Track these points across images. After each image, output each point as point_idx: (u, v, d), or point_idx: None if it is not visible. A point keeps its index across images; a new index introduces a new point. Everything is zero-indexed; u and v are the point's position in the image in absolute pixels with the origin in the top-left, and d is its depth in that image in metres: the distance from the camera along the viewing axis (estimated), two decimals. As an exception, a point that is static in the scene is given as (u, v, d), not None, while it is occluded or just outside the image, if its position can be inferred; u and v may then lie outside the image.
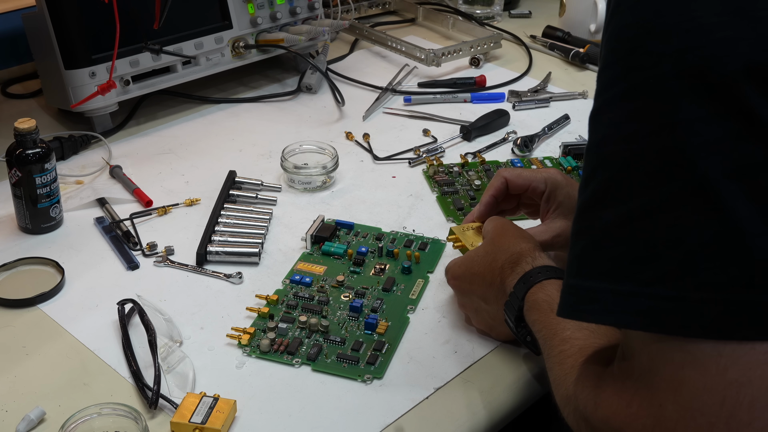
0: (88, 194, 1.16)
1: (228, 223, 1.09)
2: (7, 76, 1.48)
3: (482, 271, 0.88)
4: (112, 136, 1.32)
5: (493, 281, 0.86)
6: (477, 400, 0.85)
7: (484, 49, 1.60)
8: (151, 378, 0.84)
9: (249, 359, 0.89)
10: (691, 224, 0.55)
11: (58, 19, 1.24)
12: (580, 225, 0.62)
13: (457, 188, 1.18)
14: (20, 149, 1.04)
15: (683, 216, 0.55)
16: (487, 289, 0.87)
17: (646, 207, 0.57)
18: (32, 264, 1.03)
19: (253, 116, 1.40)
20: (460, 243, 0.99)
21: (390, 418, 0.82)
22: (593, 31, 1.67)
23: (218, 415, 0.79)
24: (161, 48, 1.28)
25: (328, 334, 0.91)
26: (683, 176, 0.55)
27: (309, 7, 1.49)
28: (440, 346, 0.91)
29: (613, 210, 0.59)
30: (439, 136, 1.33)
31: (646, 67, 0.57)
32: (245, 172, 1.20)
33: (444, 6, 1.83)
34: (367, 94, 1.47)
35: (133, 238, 1.07)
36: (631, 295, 0.57)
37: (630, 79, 0.58)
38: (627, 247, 0.58)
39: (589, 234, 0.61)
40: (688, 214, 0.55)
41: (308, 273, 1.01)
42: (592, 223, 0.60)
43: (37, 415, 0.80)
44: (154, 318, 0.91)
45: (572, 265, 0.62)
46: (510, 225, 0.91)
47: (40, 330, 0.93)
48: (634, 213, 0.58)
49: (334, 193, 1.19)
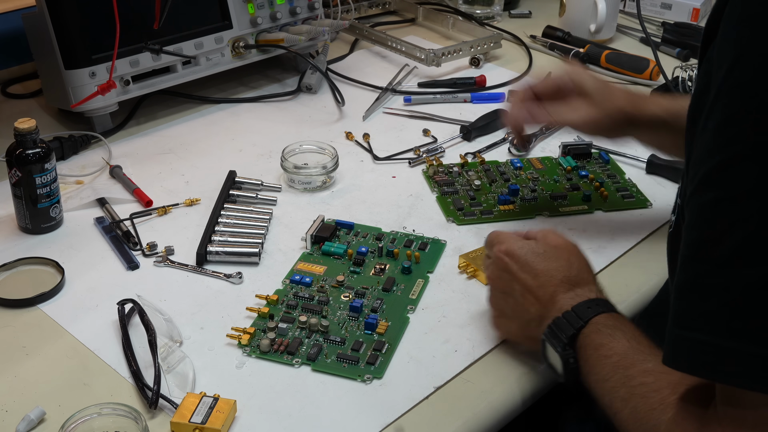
0: (88, 194, 1.16)
1: (228, 223, 1.09)
2: (7, 76, 1.48)
3: (540, 269, 0.85)
4: (112, 136, 1.32)
5: (544, 285, 0.84)
6: (477, 399, 0.85)
7: (484, 49, 1.60)
8: (151, 378, 0.84)
9: (249, 359, 0.89)
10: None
11: (58, 19, 1.24)
12: (715, 280, 0.60)
13: (457, 188, 1.18)
14: (20, 149, 1.04)
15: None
16: (536, 288, 0.85)
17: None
18: (32, 264, 1.03)
19: (253, 116, 1.40)
20: (472, 269, 0.99)
21: (390, 418, 0.82)
22: (593, 31, 1.67)
23: (218, 415, 0.79)
24: (161, 48, 1.28)
25: (328, 334, 0.91)
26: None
27: (309, 7, 1.49)
28: (440, 346, 0.91)
29: (758, 269, 0.58)
30: (439, 136, 1.33)
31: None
32: (245, 172, 1.20)
33: (444, 6, 1.83)
34: (367, 94, 1.47)
35: (133, 238, 1.07)
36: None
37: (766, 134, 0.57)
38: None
39: (728, 291, 0.59)
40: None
41: (308, 273, 1.01)
42: (732, 281, 0.59)
43: (37, 415, 0.80)
44: (154, 318, 0.91)
45: (698, 319, 0.61)
46: (575, 245, 0.89)
47: (40, 330, 0.93)
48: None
49: (334, 193, 1.19)
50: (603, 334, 0.78)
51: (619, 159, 1.27)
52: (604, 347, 0.77)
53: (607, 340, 0.77)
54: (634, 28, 1.76)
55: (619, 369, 0.74)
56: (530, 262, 0.86)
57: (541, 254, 0.87)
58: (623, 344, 0.76)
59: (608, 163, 1.25)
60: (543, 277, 0.85)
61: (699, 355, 0.61)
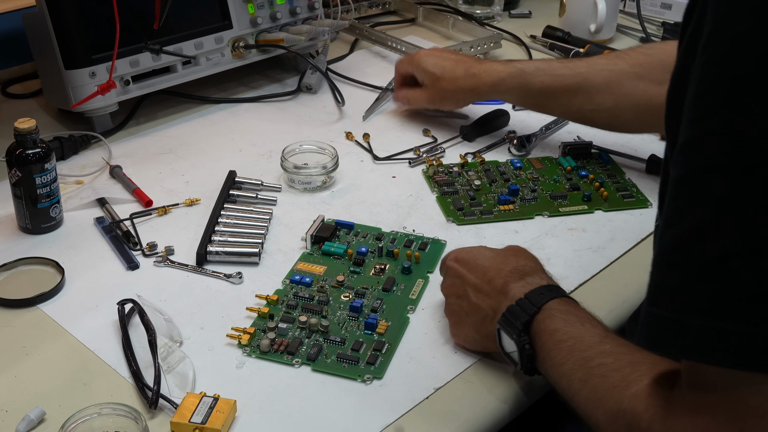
0: (88, 194, 1.16)
1: (228, 223, 1.09)
2: (7, 76, 1.48)
3: (488, 266, 0.87)
4: (112, 136, 1.32)
5: (494, 279, 0.86)
6: (477, 400, 0.85)
7: (484, 49, 1.60)
8: (151, 378, 0.84)
9: (249, 359, 0.89)
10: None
11: (58, 19, 1.24)
12: (676, 258, 0.60)
13: (457, 188, 1.18)
14: (20, 149, 1.04)
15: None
16: (486, 283, 0.86)
17: (754, 243, 0.56)
18: (32, 264, 1.03)
19: (253, 116, 1.40)
20: None
21: (390, 418, 0.82)
22: (593, 31, 1.67)
23: (218, 415, 0.79)
24: (161, 48, 1.28)
25: (328, 334, 0.91)
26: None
27: (309, 7, 1.49)
28: (440, 346, 0.91)
29: (717, 245, 0.57)
30: (439, 136, 1.33)
31: (753, 97, 0.55)
32: (245, 172, 1.20)
33: (444, 6, 1.83)
34: (367, 94, 1.47)
35: (133, 238, 1.07)
36: (734, 335, 0.57)
37: (736, 109, 0.57)
38: (732, 285, 0.57)
39: (688, 267, 0.59)
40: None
41: (308, 273, 1.01)
42: (692, 257, 0.59)
43: (37, 415, 0.80)
44: (154, 318, 0.91)
45: (663, 297, 0.61)
46: (526, 250, 0.91)
47: (40, 330, 0.93)
48: (740, 249, 0.56)
49: (334, 193, 1.19)
50: (557, 319, 0.78)
51: (619, 159, 1.27)
52: (559, 332, 0.77)
53: (562, 325, 0.78)
54: (634, 28, 1.76)
55: (575, 352, 0.75)
56: (478, 262, 0.89)
57: (488, 256, 0.89)
58: (578, 328, 0.76)
59: (608, 163, 1.25)
60: (492, 272, 0.86)
61: (662, 331, 0.61)
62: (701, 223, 0.58)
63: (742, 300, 0.57)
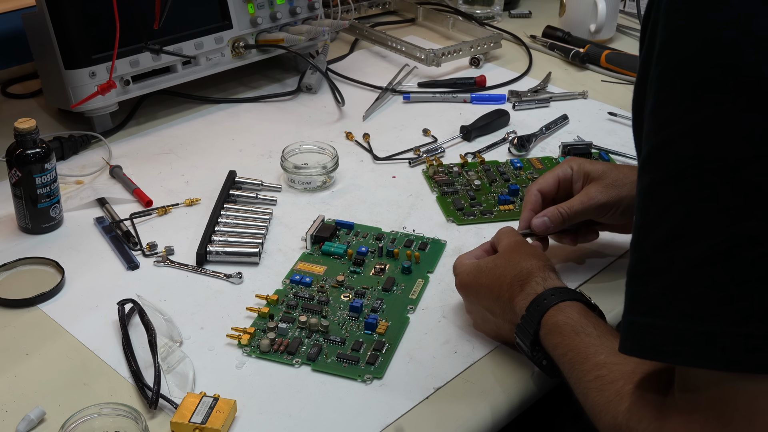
0: (88, 194, 1.16)
1: (228, 223, 1.09)
2: (7, 76, 1.48)
3: (489, 283, 0.88)
4: (112, 136, 1.32)
5: (501, 296, 0.86)
6: (477, 400, 0.85)
7: (484, 49, 1.60)
8: (151, 378, 0.84)
9: (249, 359, 0.89)
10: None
11: (58, 19, 1.24)
12: (654, 264, 0.60)
13: (457, 188, 1.18)
14: (20, 149, 1.04)
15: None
16: (494, 302, 0.87)
17: (729, 243, 0.56)
18: (32, 264, 1.03)
19: (253, 116, 1.40)
20: None
21: (390, 418, 0.82)
22: (593, 31, 1.67)
23: (218, 415, 0.79)
24: (161, 48, 1.28)
25: (328, 334, 0.91)
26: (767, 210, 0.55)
27: (309, 7, 1.49)
28: (440, 346, 0.91)
29: (693, 248, 0.58)
30: (439, 136, 1.33)
31: (716, 101, 0.56)
32: (245, 172, 1.20)
33: (444, 6, 1.83)
34: (367, 94, 1.47)
35: (133, 238, 1.07)
36: (719, 336, 0.57)
37: (700, 113, 0.57)
38: (711, 287, 0.57)
39: (667, 273, 0.59)
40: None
41: (308, 273, 1.01)
42: (670, 262, 0.59)
43: (37, 415, 0.80)
44: (154, 318, 0.91)
45: (645, 304, 0.61)
46: (522, 241, 0.92)
47: (40, 330, 0.93)
48: (717, 250, 0.57)
49: (334, 193, 1.19)
50: (554, 334, 0.79)
51: (619, 159, 1.27)
52: (559, 347, 0.78)
53: (559, 339, 0.78)
54: (634, 28, 1.76)
55: (575, 365, 0.75)
56: (478, 282, 0.89)
57: (489, 268, 0.89)
58: (573, 339, 0.77)
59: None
60: (496, 289, 0.87)
61: (647, 338, 0.61)
62: (676, 228, 0.59)
63: (724, 300, 0.57)
